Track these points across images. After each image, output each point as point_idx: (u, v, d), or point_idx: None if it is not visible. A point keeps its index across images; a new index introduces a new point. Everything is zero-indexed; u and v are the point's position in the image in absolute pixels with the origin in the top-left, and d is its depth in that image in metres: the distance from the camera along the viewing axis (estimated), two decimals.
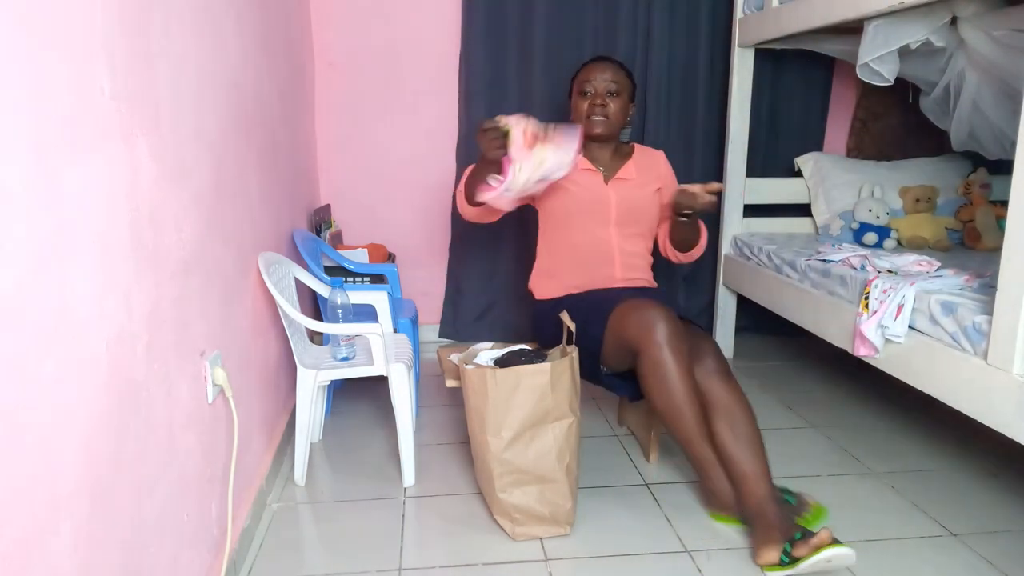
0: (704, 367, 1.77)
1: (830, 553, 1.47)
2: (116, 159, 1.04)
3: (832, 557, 1.48)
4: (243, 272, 1.73)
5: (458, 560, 1.62)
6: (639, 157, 2.13)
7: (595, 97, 2.00)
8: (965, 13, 2.12)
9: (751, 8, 2.73)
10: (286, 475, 1.99)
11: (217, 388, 1.46)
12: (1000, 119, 2.37)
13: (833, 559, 1.48)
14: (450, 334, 3.20)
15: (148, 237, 1.15)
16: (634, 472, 2.03)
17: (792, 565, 1.50)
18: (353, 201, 3.08)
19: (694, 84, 3.07)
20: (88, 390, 0.95)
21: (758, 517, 1.61)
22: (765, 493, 1.63)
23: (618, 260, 2.03)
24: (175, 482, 1.25)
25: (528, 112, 3.10)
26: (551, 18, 2.93)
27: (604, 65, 2.03)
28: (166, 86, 1.25)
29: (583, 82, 2.02)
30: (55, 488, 0.87)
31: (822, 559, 1.47)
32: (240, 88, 1.76)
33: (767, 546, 1.57)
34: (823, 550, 1.47)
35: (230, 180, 1.64)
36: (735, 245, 2.93)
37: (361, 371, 1.94)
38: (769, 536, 1.57)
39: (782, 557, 1.52)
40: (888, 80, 2.20)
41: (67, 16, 0.92)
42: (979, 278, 1.80)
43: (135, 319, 1.09)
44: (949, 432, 2.26)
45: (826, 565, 1.49)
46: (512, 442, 1.64)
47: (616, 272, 2.04)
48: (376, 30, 2.96)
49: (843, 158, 3.10)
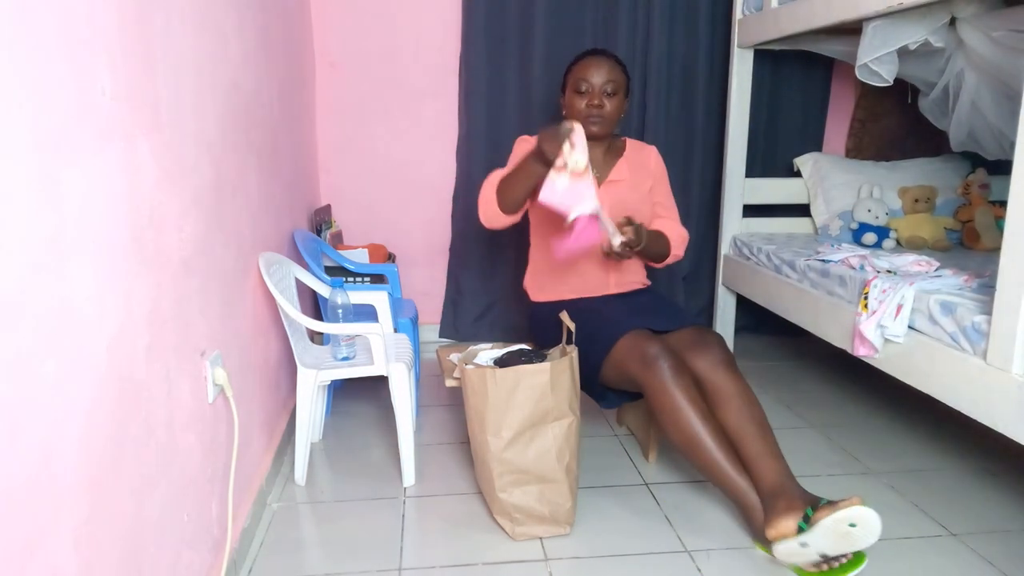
0: (708, 358, 1.74)
1: (850, 512, 1.40)
2: (116, 159, 1.04)
3: (853, 518, 1.39)
4: (243, 272, 1.74)
5: (458, 560, 1.62)
6: (631, 154, 2.09)
7: (592, 97, 1.95)
8: (964, 14, 2.12)
9: (750, 9, 2.73)
10: (286, 475, 1.99)
11: (217, 388, 1.46)
12: (999, 119, 2.37)
13: (856, 520, 1.40)
14: (450, 334, 3.20)
15: (148, 237, 1.15)
16: (634, 472, 2.03)
17: (808, 530, 1.45)
18: (353, 201, 3.09)
19: (694, 85, 3.08)
20: (88, 390, 0.95)
21: (777, 492, 1.56)
22: (782, 468, 1.59)
23: (611, 267, 2.02)
24: (175, 482, 1.25)
25: (528, 112, 3.11)
26: (551, 18, 2.93)
27: (601, 61, 1.97)
28: (166, 86, 1.25)
29: (579, 79, 1.96)
30: (55, 488, 0.87)
31: (840, 519, 1.40)
32: (240, 88, 1.77)
33: (786, 515, 1.51)
34: (843, 509, 1.40)
35: (230, 180, 1.64)
36: (734, 245, 2.93)
37: (361, 371, 1.94)
38: (791, 506, 1.52)
39: (800, 524, 1.48)
40: (887, 81, 2.20)
41: (67, 16, 0.92)
42: (978, 278, 1.81)
43: (135, 319, 1.09)
44: (949, 432, 2.26)
45: (845, 529, 1.41)
46: (512, 442, 1.64)
47: (610, 279, 2.03)
48: (376, 30, 2.97)
49: (842, 158, 3.11)
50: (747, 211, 3.00)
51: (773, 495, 1.57)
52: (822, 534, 1.45)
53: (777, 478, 1.59)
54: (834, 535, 1.45)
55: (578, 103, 1.97)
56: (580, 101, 1.96)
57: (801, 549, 1.49)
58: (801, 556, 1.51)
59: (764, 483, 1.60)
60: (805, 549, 1.48)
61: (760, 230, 3.04)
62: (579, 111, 1.96)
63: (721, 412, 1.69)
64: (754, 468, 1.62)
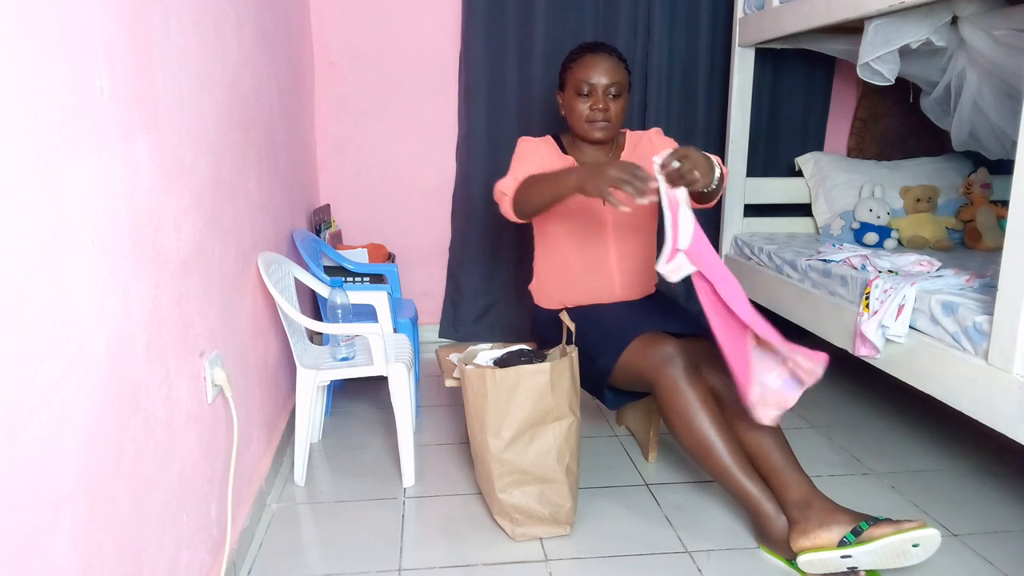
0: (722, 373, 1.69)
1: (917, 534, 1.40)
2: (115, 159, 1.04)
3: (918, 539, 1.40)
4: (243, 272, 1.73)
5: (458, 560, 1.62)
6: (631, 149, 1.99)
7: (596, 100, 1.85)
8: (966, 13, 2.12)
9: (751, 7, 2.73)
10: (286, 475, 1.99)
11: (216, 388, 1.46)
12: (1001, 119, 2.36)
13: (921, 541, 1.41)
14: (450, 334, 3.20)
15: (147, 237, 1.15)
16: (634, 472, 2.03)
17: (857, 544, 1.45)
18: (352, 201, 3.08)
19: (694, 84, 3.07)
20: (88, 390, 0.94)
21: (807, 504, 1.55)
22: (807, 481, 1.59)
23: (617, 276, 1.97)
24: (174, 482, 1.25)
25: (528, 112, 3.10)
26: (551, 18, 2.93)
27: (603, 60, 1.85)
28: (165, 86, 1.25)
29: (580, 81, 1.85)
30: (55, 488, 0.86)
31: (908, 539, 1.40)
32: (240, 88, 1.76)
33: (823, 528, 1.50)
34: (911, 531, 1.41)
35: (230, 180, 1.64)
36: (735, 245, 2.93)
37: (361, 371, 1.94)
38: (828, 519, 1.51)
39: (847, 536, 1.47)
40: (889, 80, 2.19)
41: (66, 15, 0.91)
42: (980, 278, 1.80)
43: (134, 319, 1.09)
44: (949, 432, 2.26)
45: (907, 548, 1.42)
46: (512, 442, 1.64)
47: (616, 288, 1.98)
48: (376, 30, 2.96)
49: (844, 158, 3.10)
50: (748, 211, 2.99)
51: (802, 507, 1.56)
52: (875, 549, 1.44)
53: (805, 490, 1.58)
54: (892, 553, 1.44)
55: (580, 107, 1.87)
56: (582, 104, 1.87)
57: (840, 561, 1.48)
58: (833, 567, 1.50)
59: (790, 495, 1.58)
60: (845, 561, 1.48)
61: (761, 230, 3.03)
62: (581, 115, 1.87)
63: (739, 426, 1.66)
64: (777, 479, 1.61)
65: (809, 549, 1.51)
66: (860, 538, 1.46)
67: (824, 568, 1.51)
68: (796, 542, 1.54)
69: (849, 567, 1.48)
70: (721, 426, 1.62)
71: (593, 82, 1.85)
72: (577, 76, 1.87)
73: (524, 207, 1.77)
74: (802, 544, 1.53)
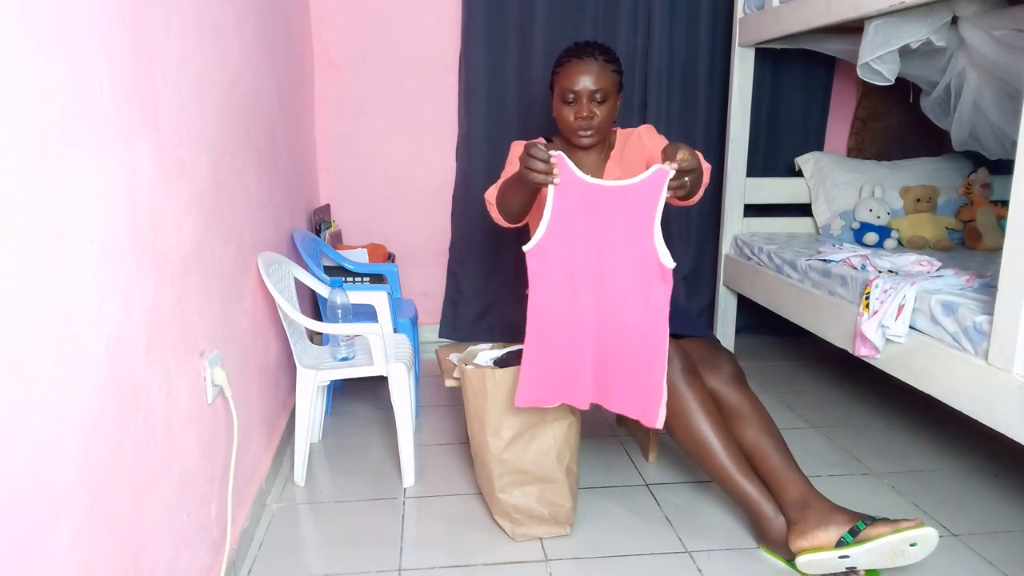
0: (721, 375, 1.73)
1: (914, 533, 1.40)
2: (115, 159, 1.04)
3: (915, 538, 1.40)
4: (243, 272, 1.73)
5: (458, 560, 1.62)
6: (620, 148, 1.93)
7: (580, 108, 1.80)
8: (966, 13, 2.12)
9: (751, 7, 2.73)
10: (286, 475, 1.99)
11: (216, 388, 1.46)
12: (1001, 119, 2.36)
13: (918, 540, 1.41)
14: (450, 334, 3.20)
15: (147, 237, 1.15)
16: (634, 472, 2.03)
17: (854, 544, 1.45)
18: (352, 201, 3.08)
19: (694, 84, 3.07)
20: (88, 390, 0.94)
21: (805, 504, 1.56)
22: (806, 481, 1.59)
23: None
24: (174, 482, 1.25)
25: (528, 112, 3.10)
26: (551, 18, 2.93)
27: (586, 66, 1.79)
28: (165, 86, 1.25)
29: (565, 89, 1.81)
30: (55, 488, 0.86)
31: (905, 538, 1.40)
32: (240, 88, 1.76)
33: (820, 528, 1.51)
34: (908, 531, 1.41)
35: (229, 180, 1.64)
36: (735, 245, 2.93)
37: (361, 371, 1.94)
38: (825, 519, 1.51)
39: (844, 536, 1.48)
40: (889, 80, 2.20)
41: (66, 15, 0.91)
42: (980, 278, 1.80)
43: (134, 319, 1.09)
44: (949, 432, 2.26)
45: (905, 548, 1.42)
46: (512, 442, 1.64)
47: None
48: (376, 30, 2.96)
49: (844, 158, 3.10)
50: (748, 211, 2.99)
51: (800, 507, 1.57)
52: (872, 549, 1.45)
53: (803, 491, 1.59)
54: (890, 552, 1.44)
55: (566, 114, 1.83)
56: (567, 112, 1.83)
57: (838, 561, 1.48)
58: (832, 567, 1.50)
59: (788, 495, 1.59)
60: (843, 561, 1.48)
61: (761, 230, 3.03)
62: (568, 123, 1.84)
63: (737, 427, 1.68)
64: (775, 481, 1.62)
65: (807, 550, 1.52)
66: (857, 538, 1.47)
67: (823, 568, 1.51)
68: (794, 543, 1.54)
69: (848, 567, 1.48)
70: (719, 427, 1.63)
71: (577, 89, 1.80)
72: (562, 84, 1.83)
73: (505, 211, 1.75)
74: (800, 545, 1.53)
